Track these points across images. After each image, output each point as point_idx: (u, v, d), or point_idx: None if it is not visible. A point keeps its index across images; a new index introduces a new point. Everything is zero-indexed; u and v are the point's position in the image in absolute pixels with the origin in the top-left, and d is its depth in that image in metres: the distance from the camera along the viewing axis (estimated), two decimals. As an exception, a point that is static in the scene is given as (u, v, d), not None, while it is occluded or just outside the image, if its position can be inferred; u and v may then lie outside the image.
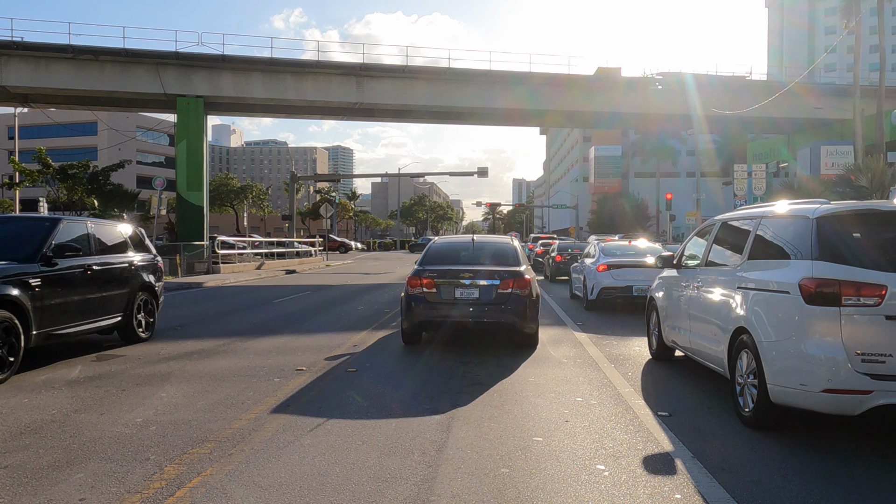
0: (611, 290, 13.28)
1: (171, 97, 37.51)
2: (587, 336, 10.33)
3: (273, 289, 20.71)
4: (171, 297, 17.31)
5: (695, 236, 7.59)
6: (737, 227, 6.38)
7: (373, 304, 15.38)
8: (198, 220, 37.70)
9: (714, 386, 6.77)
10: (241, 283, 23.62)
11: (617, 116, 44.03)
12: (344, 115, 42.74)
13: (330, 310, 14.23)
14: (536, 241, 39.54)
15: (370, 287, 21.10)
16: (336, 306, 14.96)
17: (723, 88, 41.92)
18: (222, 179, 78.88)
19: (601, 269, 13.43)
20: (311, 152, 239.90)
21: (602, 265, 13.46)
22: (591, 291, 13.70)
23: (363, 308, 14.39)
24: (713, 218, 7.17)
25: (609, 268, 13.37)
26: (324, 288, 21.01)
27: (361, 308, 14.39)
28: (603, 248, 14.49)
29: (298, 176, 46.32)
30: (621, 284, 13.20)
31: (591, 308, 13.93)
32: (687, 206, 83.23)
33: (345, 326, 11.39)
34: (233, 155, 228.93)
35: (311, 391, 6.55)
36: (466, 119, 44.92)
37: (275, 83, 38.71)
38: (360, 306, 14.76)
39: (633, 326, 11.59)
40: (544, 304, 15.06)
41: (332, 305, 15.19)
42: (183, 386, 6.78)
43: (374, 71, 39.29)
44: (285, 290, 20.06)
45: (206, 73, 37.87)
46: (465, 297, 8.69)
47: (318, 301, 16.37)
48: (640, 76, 41.86)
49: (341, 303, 15.79)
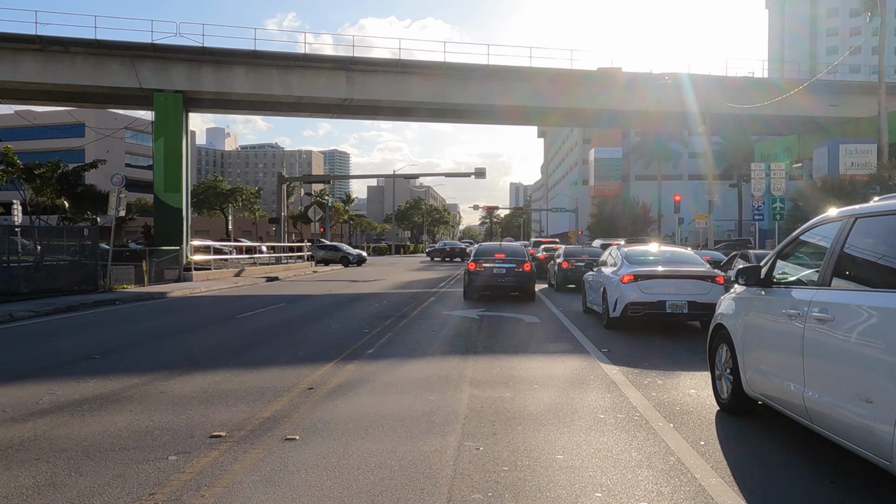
0: (638, 306, 10.90)
1: (148, 92, 35.11)
2: (619, 371, 7.93)
3: (245, 300, 18.28)
4: (123, 311, 14.92)
5: (797, 241, 5.21)
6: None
7: (351, 320, 12.96)
8: (176, 223, 35.28)
9: (843, 468, 4.38)
10: (212, 292, 21.19)
11: (618, 115, 41.79)
12: (334, 112, 40.37)
13: (297, 329, 11.81)
14: (538, 245, 37.20)
15: (354, 298, 18.68)
16: (306, 324, 12.54)
17: (729, 88, 39.64)
18: (211, 182, 76.35)
19: (626, 280, 11.04)
20: (307, 156, 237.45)
21: (627, 275, 11.07)
22: (613, 307, 11.31)
23: (338, 327, 11.96)
24: (832, 213, 4.77)
25: (636, 279, 10.99)
26: (301, 299, 18.58)
27: (336, 327, 11.96)
28: (627, 254, 12.09)
29: (287, 177, 43.92)
30: (651, 299, 10.82)
31: (613, 327, 11.55)
32: (690, 209, 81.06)
33: (307, 356, 8.97)
34: (227, 158, 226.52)
35: (213, 486, 4.13)
36: (464, 117, 42.58)
37: (259, 77, 36.35)
38: (334, 324, 12.33)
39: (672, 353, 9.21)
40: (556, 322, 12.71)
41: (302, 323, 12.77)
42: (21, 473, 4.36)
43: (365, 65, 36.95)
44: (257, 301, 17.64)
45: (185, 67, 35.49)
46: (499, 272, 16.84)
47: (287, 316, 13.95)
48: (644, 72, 39.55)
49: (315, 319, 13.37)
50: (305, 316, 13.96)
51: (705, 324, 11.51)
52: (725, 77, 40.46)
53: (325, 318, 13.39)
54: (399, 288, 22.91)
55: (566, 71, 38.32)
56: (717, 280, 10.92)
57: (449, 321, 12.69)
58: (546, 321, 12.87)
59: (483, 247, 18.89)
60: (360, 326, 11.89)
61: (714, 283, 10.87)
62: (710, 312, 10.81)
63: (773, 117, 42.27)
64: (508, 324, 12.32)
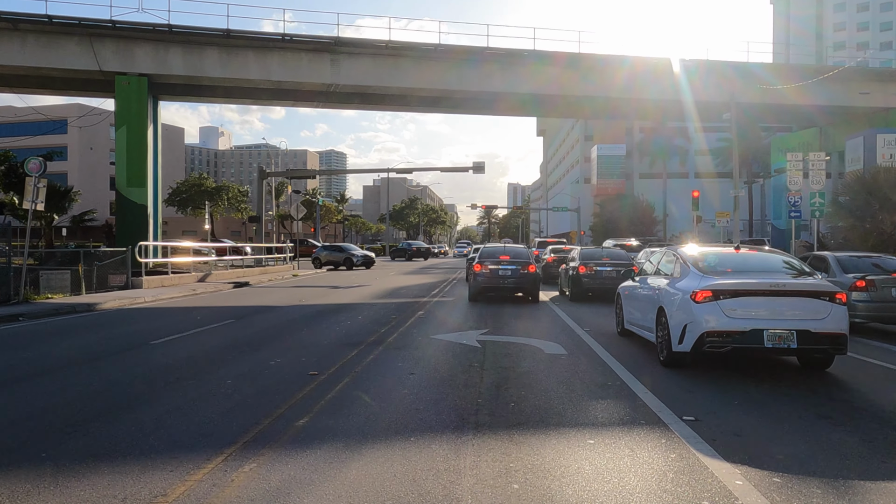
0: (721, 337, 7.26)
1: (110, 76, 31.49)
2: (741, 474, 4.31)
3: (188, 314, 14.64)
4: (8, 333, 11.21)
5: None
6: None
7: (303, 350, 9.31)
8: (141, 221, 31.65)
9: None
10: (157, 303, 17.50)
11: (629, 104, 38.13)
12: (318, 100, 36.66)
13: (216, 368, 8.13)
14: (544, 246, 33.58)
15: (326, 311, 15.02)
16: (236, 358, 8.86)
17: (753, 74, 36.10)
18: (195, 180, 72.48)
19: (702, 297, 7.39)
20: (302, 156, 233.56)
21: (703, 291, 7.42)
22: (678, 336, 7.68)
23: (277, 365, 8.30)
24: None
25: (716, 296, 7.35)
26: (259, 313, 14.93)
27: (275, 364, 8.29)
28: (694, 259, 8.39)
29: (267, 172, 40.28)
30: (741, 326, 7.18)
31: (677, 364, 7.93)
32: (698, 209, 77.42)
33: (188, 437, 5.27)
34: (221, 158, 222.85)
35: None
36: (460, 107, 38.83)
37: (234, 60, 32.71)
38: (274, 359, 8.63)
39: (809, 427, 5.58)
40: (588, 354, 9.05)
41: (231, 355, 9.08)
42: None
43: (351, 46, 33.32)
44: (203, 316, 13.99)
45: (151, 48, 31.83)
46: (503, 274, 16.95)
47: (219, 343, 10.26)
48: (658, 57, 35.95)
49: (254, 347, 9.69)
50: (245, 342, 10.29)
51: (812, 361, 7.89)
52: (748, 63, 36.88)
53: (269, 347, 9.73)
54: (384, 297, 19.27)
55: (573, 55, 34.74)
56: (838, 298, 7.30)
57: (438, 354, 9.02)
58: (574, 352, 9.24)
59: (487, 249, 18.84)
60: (309, 364, 8.22)
61: (834, 303, 7.25)
62: (828, 346, 7.22)
63: (795, 108, 38.84)
64: (523, 358, 8.68)
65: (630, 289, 10.36)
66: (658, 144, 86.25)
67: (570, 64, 34.55)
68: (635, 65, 35.07)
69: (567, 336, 10.87)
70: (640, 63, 35.17)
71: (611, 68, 34.85)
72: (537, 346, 9.61)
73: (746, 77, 35.54)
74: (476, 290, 17.27)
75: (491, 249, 18.57)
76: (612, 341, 10.27)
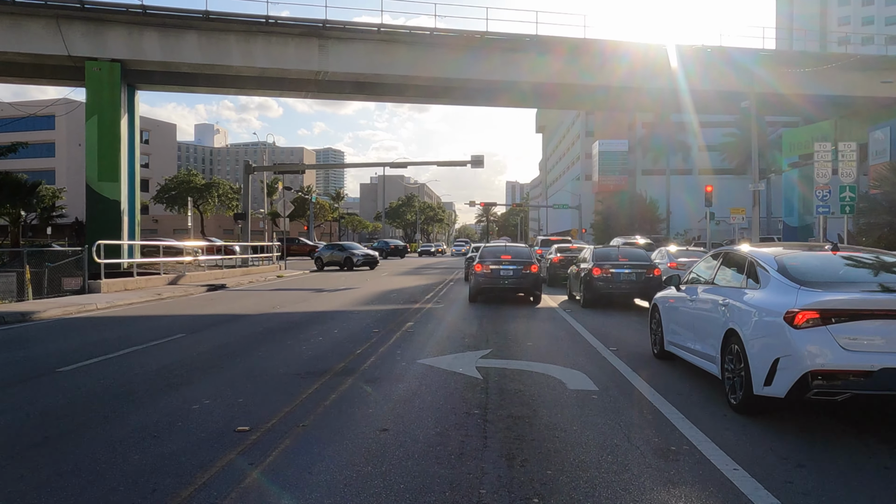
0: (834, 380, 4.99)
1: (80, 61, 29.15)
2: None
3: (138, 324, 12.34)
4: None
5: None
6: None
7: (250, 384, 6.99)
8: (114, 217, 29.38)
9: None
10: (111, 311, 15.17)
11: (632, 93, 35.82)
12: (306, 89, 34.30)
13: (120, 413, 5.84)
14: (548, 244, 31.24)
15: (298, 323, 12.72)
16: (156, 395, 6.52)
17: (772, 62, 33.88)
18: (184, 176, 70.03)
19: (802, 319, 5.09)
20: (299, 153, 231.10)
21: (804, 311, 5.12)
22: (764, 374, 5.38)
23: (207, 406, 6.01)
24: None
25: (825, 319, 5.06)
26: (220, 324, 12.63)
27: (198, 408, 5.99)
28: (781, 263, 6.09)
29: (253, 166, 37.95)
30: (864, 365, 4.91)
31: (760, 411, 5.66)
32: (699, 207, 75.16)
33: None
34: (216, 155, 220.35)
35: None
36: (457, 98, 36.42)
37: (214, 45, 30.39)
38: (205, 399, 6.32)
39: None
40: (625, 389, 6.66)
41: (153, 389, 6.75)
42: None
43: (341, 30, 31.00)
44: (153, 328, 11.70)
45: (124, 31, 29.50)
46: (505, 274, 16.34)
47: (151, 369, 7.93)
48: (661, 44, 33.65)
49: (192, 375, 7.37)
50: (180, 369, 7.98)
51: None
52: (762, 50, 34.64)
53: (206, 377, 7.43)
54: (371, 302, 16.98)
55: (577, 41, 32.47)
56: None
57: (424, 393, 6.69)
58: (607, 386, 6.94)
59: (488, 248, 18.31)
60: (245, 410, 5.92)
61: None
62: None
63: (812, 98, 36.62)
64: (541, 400, 6.37)
65: (675, 300, 8.06)
66: (660, 140, 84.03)
67: (572, 51, 32.28)
68: (640, 52, 32.80)
69: (591, 359, 8.59)
70: (643, 51, 32.90)
71: (617, 56, 32.59)
72: (557, 378, 7.32)
73: (762, 63, 33.27)
74: (476, 290, 16.88)
75: (492, 249, 18.07)
76: (652, 368, 7.98)
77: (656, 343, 8.71)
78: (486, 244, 22.32)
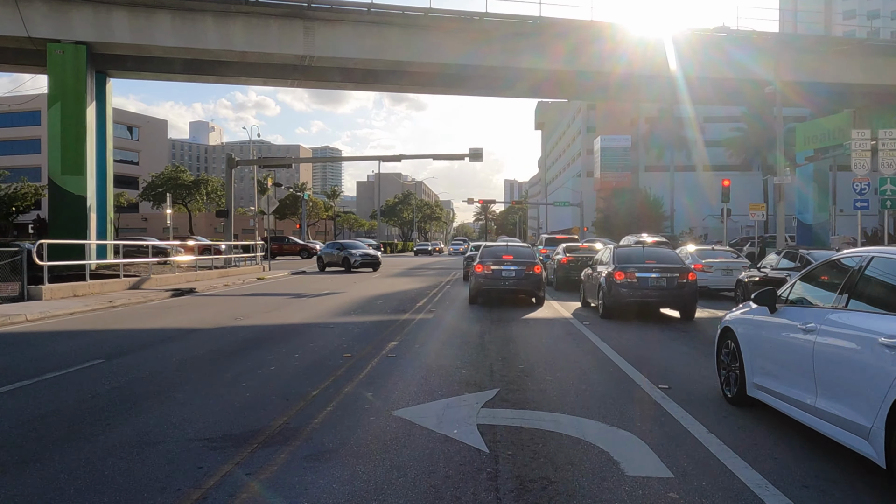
0: None
1: (41, 44, 26.62)
2: None
3: (60, 344, 9.84)
4: None
5: None
6: None
7: (144, 449, 4.48)
8: (79, 214, 26.85)
9: None
10: (41, 324, 12.61)
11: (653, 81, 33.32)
12: (290, 76, 31.73)
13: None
14: (553, 243, 28.71)
15: (260, 339, 10.20)
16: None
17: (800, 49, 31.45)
18: (171, 172, 67.37)
19: None
20: (295, 151, 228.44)
21: None
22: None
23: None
24: None
25: None
26: (159, 343, 10.10)
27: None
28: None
29: (236, 160, 35.44)
30: None
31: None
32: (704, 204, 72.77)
33: None
34: (211, 153, 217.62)
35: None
36: (453, 86, 33.75)
37: (190, 26, 27.84)
38: (51, 493, 3.88)
39: None
40: (717, 479, 4.06)
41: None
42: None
43: (327, 11, 28.46)
44: (72, 349, 9.20)
45: (91, 11, 26.93)
46: (507, 275, 15.72)
47: (10, 424, 5.47)
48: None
49: (67, 437, 4.85)
50: (55, 424, 5.46)
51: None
52: (783, 33, 32.18)
53: (84, 442, 4.90)
54: (351, 312, 14.47)
55: (588, 23, 30.00)
56: None
57: (396, 484, 4.20)
58: (684, 469, 4.43)
59: (489, 248, 17.52)
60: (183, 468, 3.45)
61: None
62: None
63: (831, 87, 34.28)
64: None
65: (770, 327, 5.55)
66: (664, 136, 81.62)
67: (578, 35, 29.80)
68: (650, 37, 30.33)
69: (641, 407, 6.09)
70: (651, 35, 30.42)
71: (625, 41, 30.10)
72: (601, 448, 4.81)
73: (784, 46, 30.76)
74: (476, 291, 16.23)
75: (493, 249, 17.31)
76: (737, 427, 5.47)
77: (731, 383, 6.21)
78: (486, 244, 20.14)
